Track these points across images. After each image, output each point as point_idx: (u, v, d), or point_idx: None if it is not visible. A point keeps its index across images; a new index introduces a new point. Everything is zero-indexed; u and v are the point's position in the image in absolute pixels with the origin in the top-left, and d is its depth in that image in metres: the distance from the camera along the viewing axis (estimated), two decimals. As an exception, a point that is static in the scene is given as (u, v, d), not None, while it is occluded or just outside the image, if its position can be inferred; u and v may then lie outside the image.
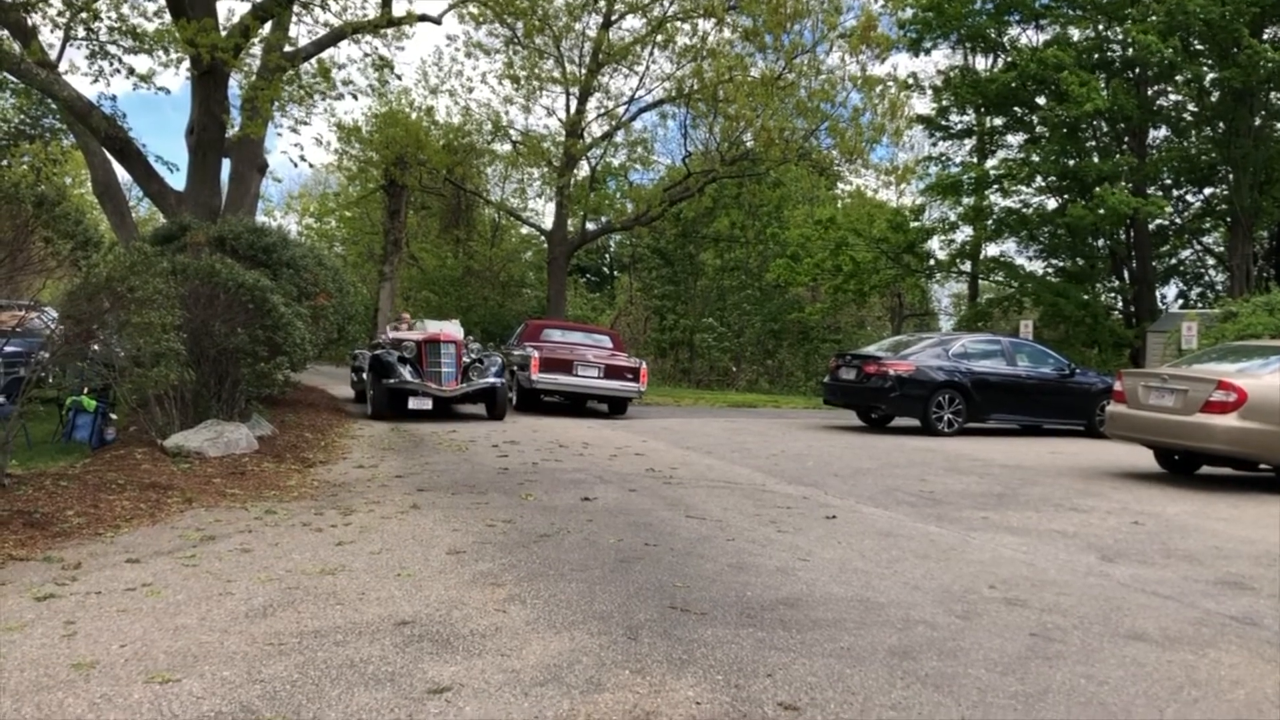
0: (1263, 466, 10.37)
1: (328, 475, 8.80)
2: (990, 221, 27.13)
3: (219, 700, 3.41)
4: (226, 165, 16.79)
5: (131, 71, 16.75)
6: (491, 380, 14.48)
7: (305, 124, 45.04)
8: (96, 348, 9.23)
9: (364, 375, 15.49)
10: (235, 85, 17.46)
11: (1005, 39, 27.89)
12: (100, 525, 6.17)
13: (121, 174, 18.03)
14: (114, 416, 10.23)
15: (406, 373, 13.91)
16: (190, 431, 9.34)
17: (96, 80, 22.36)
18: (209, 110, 15.34)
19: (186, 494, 7.27)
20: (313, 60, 16.98)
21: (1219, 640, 4.61)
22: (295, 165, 25.69)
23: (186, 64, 15.67)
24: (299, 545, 5.85)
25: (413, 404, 13.86)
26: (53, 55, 16.04)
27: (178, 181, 16.35)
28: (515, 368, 16.76)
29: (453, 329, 15.53)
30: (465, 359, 14.60)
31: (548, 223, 32.47)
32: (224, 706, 3.36)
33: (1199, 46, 23.85)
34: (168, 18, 15.83)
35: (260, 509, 6.97)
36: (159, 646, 3.94)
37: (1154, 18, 22.34)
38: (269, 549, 5.73)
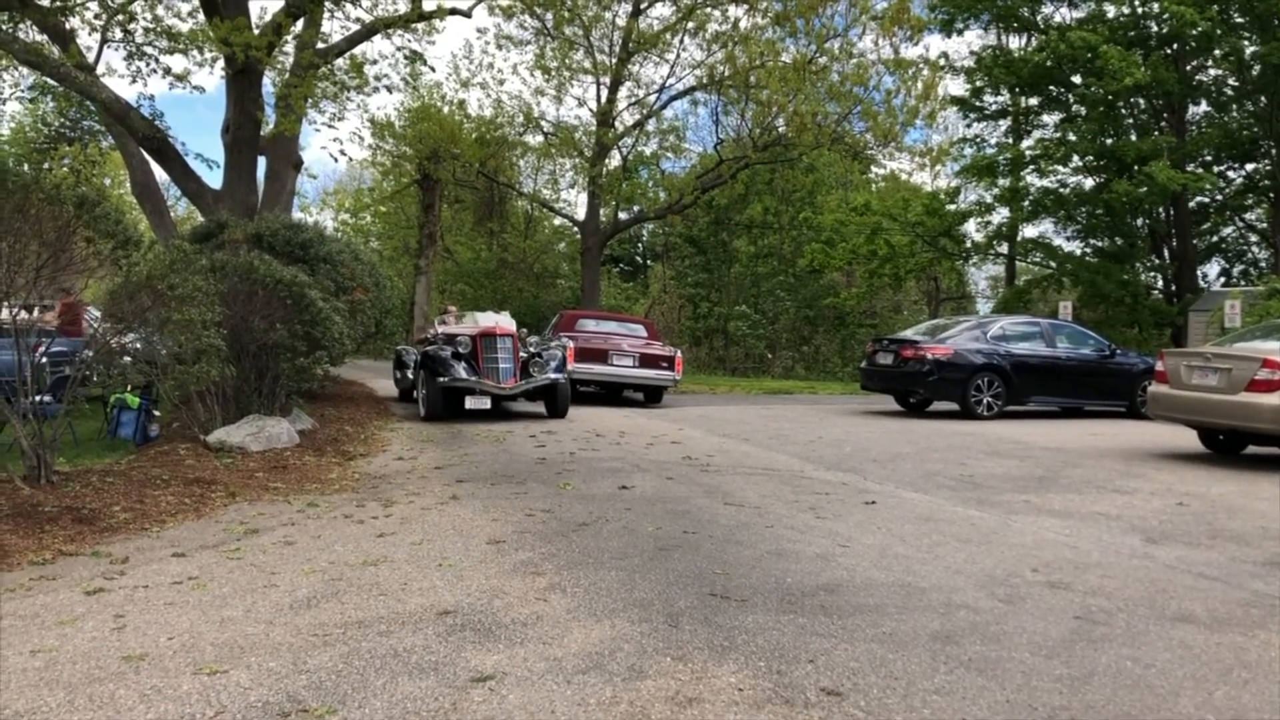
0: (1310, 445, 10.20)
1: (368, 468, 8.88)
2: (1027, 202, 26.80)
3: (266, 690, 3.46)
4: (262, 163, 16.94)
5: (168, 71, 16.97)
6: (553, 376, 13.45)
7: (342, 120, 45.40)
8: (139, 345, 9.35)
9: (408, 372, 15.06)
10: (269, 83, 17.62)
11: (1039, 18, 27.51)
12: (146, 520, 6.26)
13: (159, 174, 18.26)
14: (157, 413, 10.38)
15: (462, 370, 12.92)
16: (232, 427, 9.45)
17: (134, 81, 22.69)
18: (244, 108, 15.47)
19: (230, 488, 7.36)
20: (345, 56, 17.09)
21: (1269, 621, 4.55)
22: (335, 160, 25.96)
23: (221, 63, 15.81)
24: (341, 537, 5.91)
25: (470, 403, 12.92)
26: (90, 58, 16.27)
27: (215, 180, 16.54)
28: None
29: (506, 321, 14.58)
30: (522, 354, 13.63)
31: (580, 213, 32.53)
32: (271, 697, 3.41)
33: (1239, 19, 23.42)
34: (201, 18, 15.98)
35: (302, 502, 7.05)
36: (206, 638, 4.00)
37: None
38: (312, 541, 5.79)
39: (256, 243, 12.60)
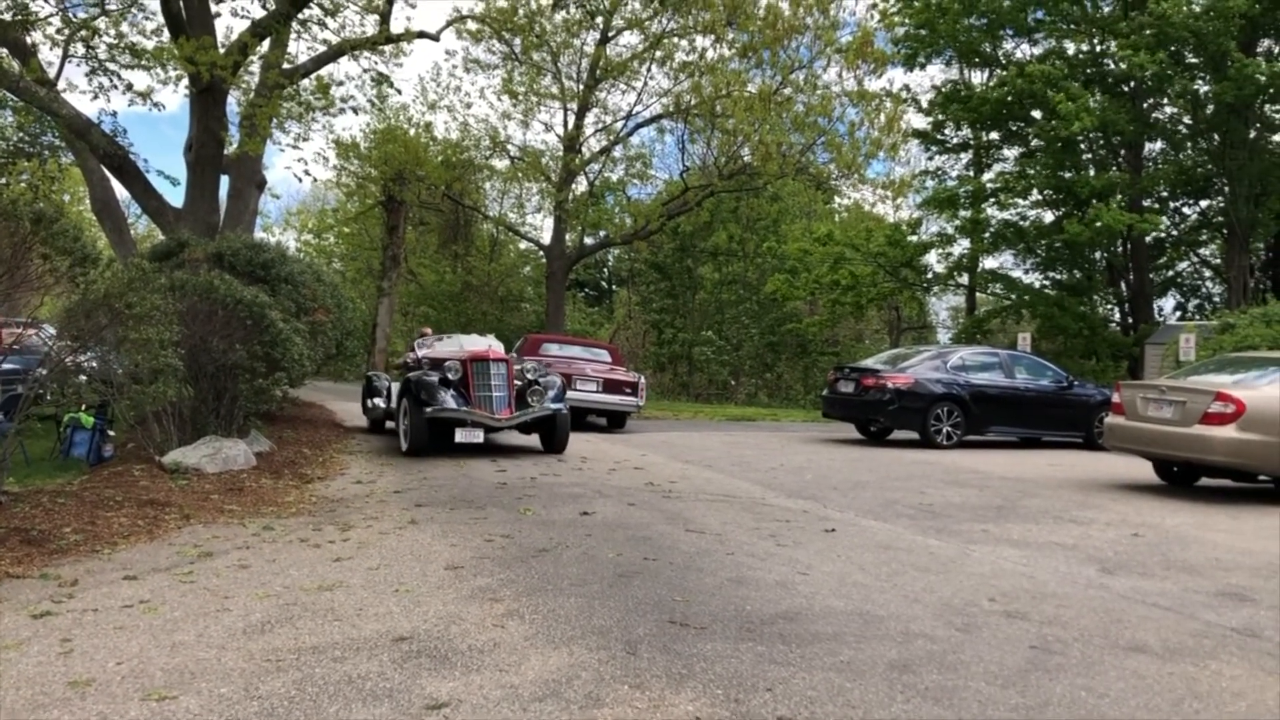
0: (1261, 478, 10.35)
1: (326, 491, 8.79)
2: (987, 234, 27.17)
3: (216, 717, 3.40)
4: (225, 182, 16.82)
5: (130, 88, 16.81)
6: (553, 406, 12.06)
7: (307, 140, 45.20)
8: (95, 364, 9.22)
9: (380, 400, 13.93)
10: (234, 102, 17.53)
11: (1000, 53, 27.98)
12: (97, 542, 6.16)
13: (120, 191, 18.09)
14: (112, 433, 10.22)
15: (450, 398, 11.52)
16: (188, 448, 9.32)
17: (96, 97, 22.42)
18: (207, 127, 15.37)
19: (184, 510, 7.25)
20: (312, 77, 17.04)
21: (1220, 652, 4.60)
22: (299, 180, 25.85)
23: (185, 81, 15.72)
24: (297, 561, 5.83)
25: (460, 436, 11.51)
26: (51, 73, 16.11)
27: (176, 198, 16.39)
28: None
29: (497, 345, 13.37)
30: (517, 381, 12.23)
31: (546, 238, 32.51)
32: (221, 723, 3.35)
33: (1192, 59, 23.94)
34: (166, 35, 15.89)
35: (258, 525, 6.96)
36: (156, 664, 3.93)
37: (1147, 32, 22.43)
38: (267, 565, 5.71)
39: (217, 262, 12.48)
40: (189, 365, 9.46)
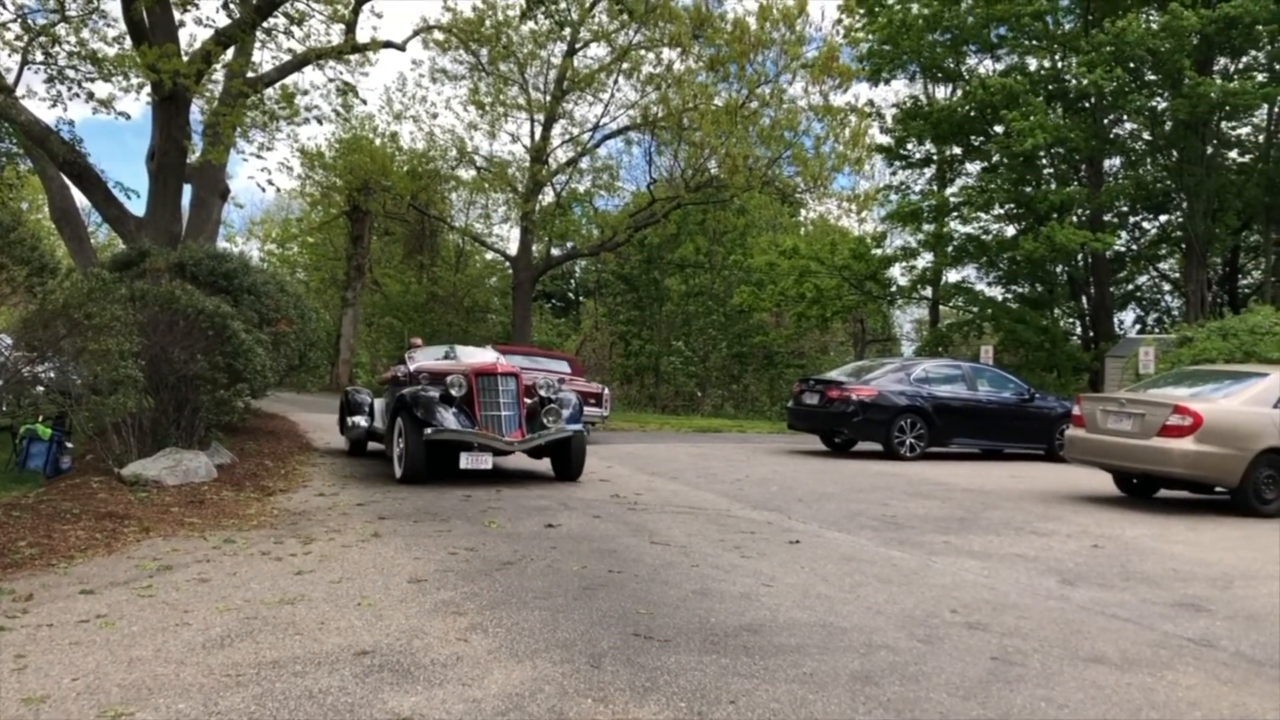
0: (1218, 489, 10.50)
1: (288, 504, 8.71)
2: (950, 248, 27.42)
3: (174, 734, 3.36)
4: (188, 191, 16.66)
5: (91, 96, 16.62)
6: (571, 428, 10.61)
7: (271, 149, 44.84)
8: (52, 375, 9.10)
9: (361, 419, 12.49)
10: (197, 111, 17.37)
11: (963, 69, 28.29)
12: (54, 556, 6.07)
13: (80, 199, 17.86)
14: (70, 445, 10.08)
15: (452, 418, 10.07)
16: (148, 460, 9.21)
17: (55, 105, 22.17)
18: (170, 136, 15.22)
19: (144, 523, 7.16)
20: (276, 86, 16.93)
21: (1176, 662, 4.66)
22: (263, 189, 25.65)
23: (147, 89, 15.56)
24: (258, 575, 5.78)
25: (466, 462, 9.98)
26: (10, 79, 15.91)
27: (138, 207, 16.24)
28: None
29: (500, 359, 11.98)
30: (527, 398, 10.84)
31: (512, 248, 32.51)
32: (179, 740, 3.31)
33: (1150, 77, 24.33)
34: (128, 43, 15.73)
35: (219, 538, 6.88)
36: (112, 679, 3.87)
37: (1106, 49, 22.78)
38: (227, 579, 5.65)
39: (179, 272, 12.36)
40: (149, 376, 9.36)
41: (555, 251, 33.32)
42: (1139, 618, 5.53)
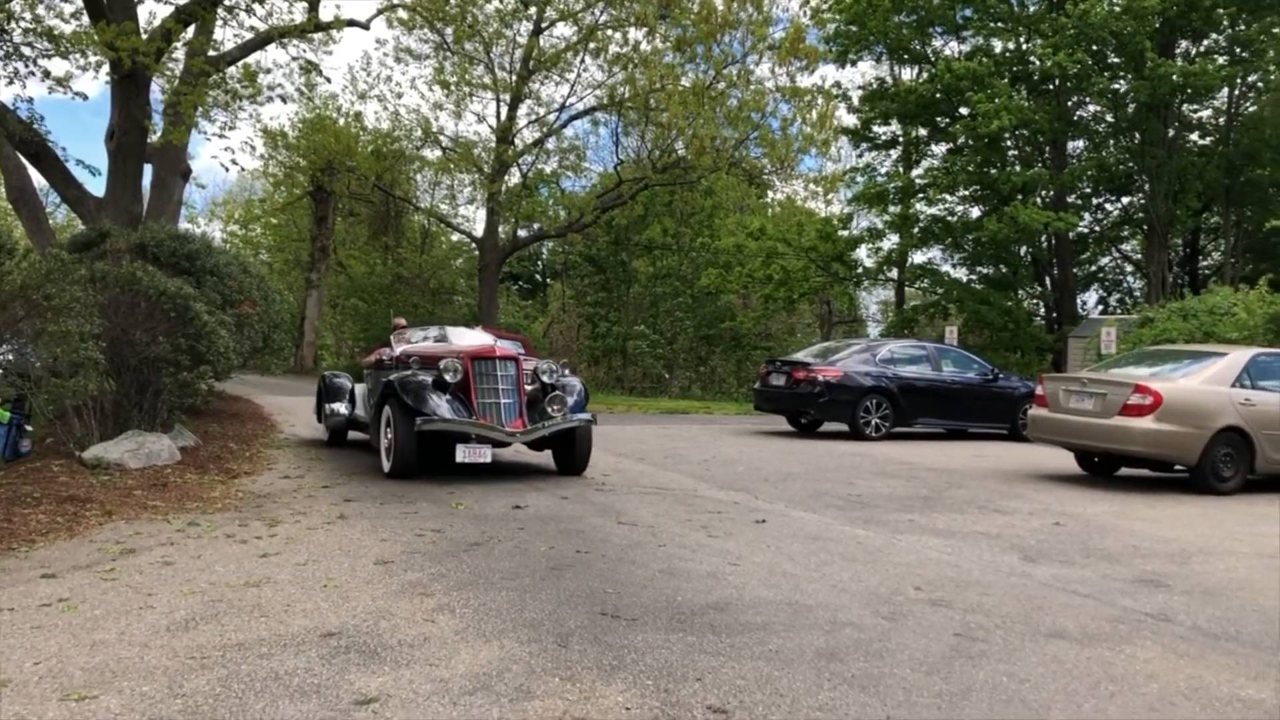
0: (1177, 467, 10.67)
1: (253, 486, 8.65)
2: (916, 230, 27.59)
3: (137, 716, 3.34)
4: (149, 171, 16.43)
5: (47, 75, 16.32)
6: (579, 418, 9.71)
7: (233, 129, 44.27)
8: (11, 357, 8.97)
9: (340, 406, 11.74)
10: (157, 89, 17.12)
11: (929, 50, 28.40)
12: (14, 540, 5.99)
13: (38, 179, 17.55)
14: (29, 428, 9.92)
15: (446, 407, 9.12)
16: (110, 443, 9.11)
17: (11, 83, 21.77)
18: (130, 115, 15.00)
19: (106, 507, 7.09)
20: (238, 65, 16.71)
21: (1135, 636, 4.74)
22: (226, 170, 25.31)
23: (106, 68, 15.31)
24: (222, 557, 5.74)
25: (463, 455, 9.04)
26: (-36, 57, 15.59)
27: (97, 187, 15.98)
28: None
29: (495, 340, 11.14)
30: (528, 385, 9.87)
31: (479, 229, 32.33)
32: (143, 723, 3.29)
33: (1113, 59, 24.54)
34: (86, 20, 15.46)
35: (183, 521, 6.83)
36: (75, 663, 3.84)
37: (1069, 31, 22.94)
38: (191, 561, 5.61)
39: (140, 253, 12.20)
40: (111, 358, 9.24)
41: (522, 233, 33.16)
42: (1099, 593, 5.61)
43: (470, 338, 11.29)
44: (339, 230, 37.09)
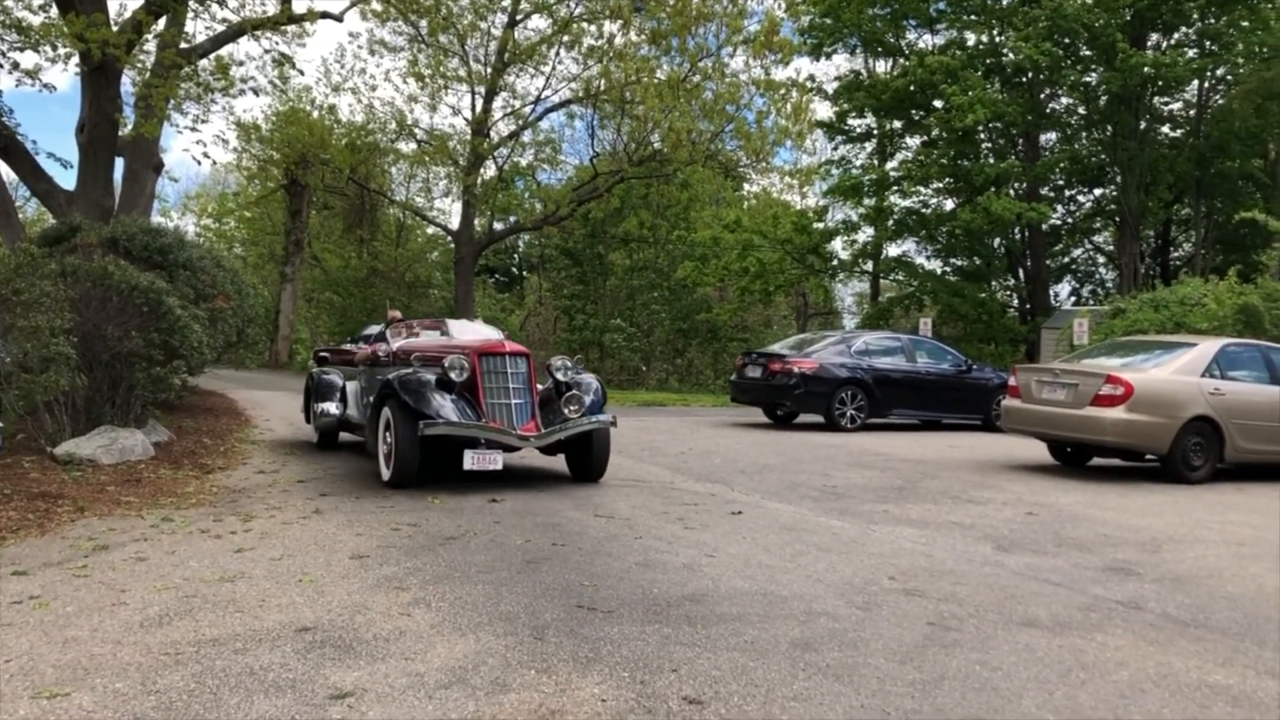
0: (1149, 457, 10.77)
1: (227, 481, 8.61)
2: (891, 222, 27.72)
3: (110, 713, 3.32)
4: (120, 165, 16.28)
5: (16, 66, 16.14)
6: (598, 419, 8.84)
7: (205, 122, 43.98)
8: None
9: (331, 406, 10.89)
10: (128, 82, 16.96)
11: (903, 43, 28.50)
12: (-15, 537, 5.94)
13: (7, 172, 17.36)
14: (0, 424, 9.85)
15: (451, 407, 8.30)
16: (82, 438, 9.04)
17: (-21, 75, 21.50)
18: (100, 108, 14.86)
19: (78, 503, 7.04)
20: (210, 57, 16.58)
21: (1106, 624, 4.79)
22: (198, 163, 25.09)
23: (75, 60, 15.15)
24: (197, 553, 5.71)
25: (471, 461, 8.16)
26: (-69, 49, 15.39)
27: (68, 181, 15.82)
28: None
29: (493, 332, 10.76)
30: (539, 384, 9.18)
31: (454, 223, 32.24)
32: (117, 719, 3.27)
33: (1086, 52, 24.71)
34: (55, 12, 15.29)
35: (156, 516, 6.79)
36: (47, 660, 3.82)
37: (1041, 24, 23.09)
38: (165, 557, 5.58)
39: (112, 247, 12.09)
40: (82, 353, 9.17)
41: (498, 226, 33.12)
42: (1071, 582, 5.67)
43: (473, 331, 10.67)
44: (313, 224, 36.87)
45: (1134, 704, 3.71)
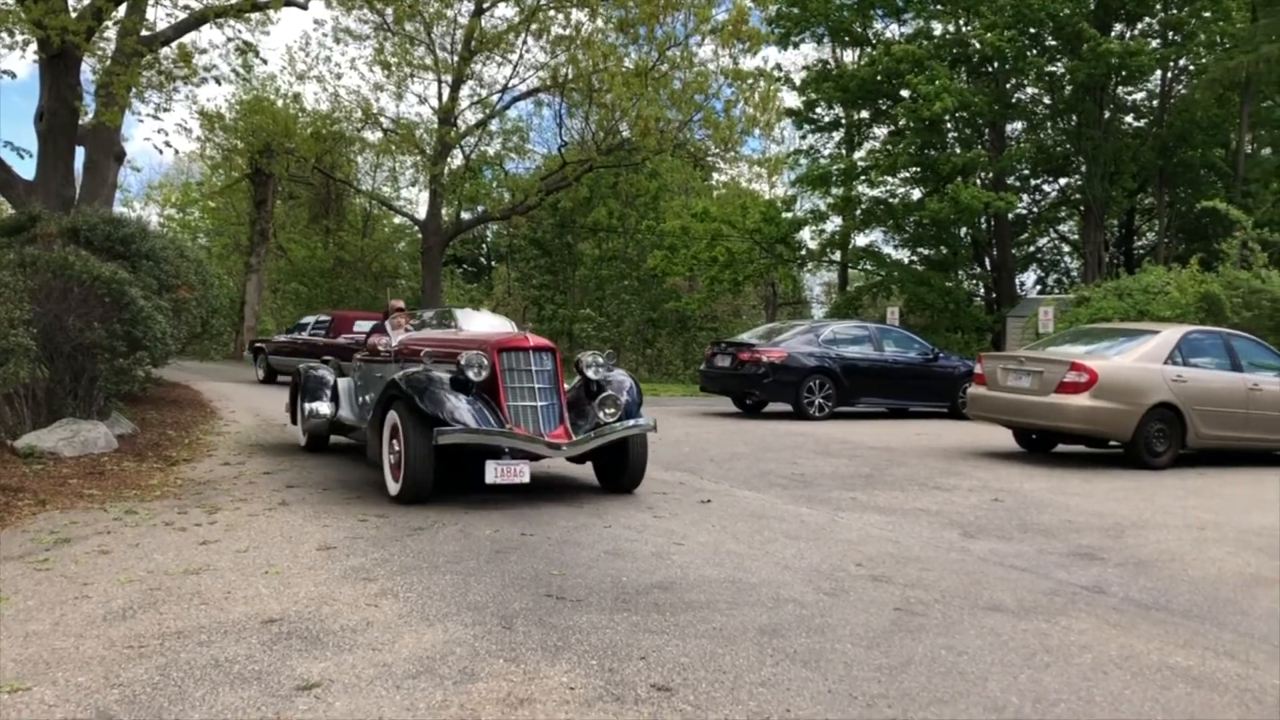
0: (1112, 443, 10.90)
1: (192, 473, 8.52)
2: (859, 212, 27.85)
3: (73, 707, 3.28)
4: (81, 154, 16.06)
5: (-27, 54, 15.89)
6: (640, 424, 7.67)
7: (168, 110, 43.48)
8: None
9: (322, 406, 9.72)
10: (89, 70, 16.72)
11: (870, 33, 28.60)
12: (-56, 531, 5.86)
13: (-37, 162, 17.07)
14: (-41, 417, 9.71)
15: (469, 411, 7.18)
16: (44, 431, 8.92)
17: (-66, 63, 21.13)
18: (60, 96, 14.65)
19: (39, 496, 6.94)
20: (173, 44, 16.36)
21: (1070, 609, 4.85)
22: (160, 152, 24.67)
23: (34, 47, 14.91)
24: (161, 545, 5.65)
25: (495, 475, 7.02)
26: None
27: (27, 170, 15.59)
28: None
29: (506, 324, 10.02)
30: (566, 385, 8.00)
31: (421, 212, 32.04)
32: (79, 713, 3.24)
33: (1051, 42, 24.89)
34: (12, -3, 15.04)
35: (120, 509, 6.71)
36: (7, 655, 3.77)
37: (1007, 13, 23.24)
38: (129, 550, 5.52)
39: (73, 237, 11.92)
40: (43, 345, 9.04)
41: (465, 215, 32.93)
42: (1035, 567, 5.73)
43: (485, 322, 9.78)
44: (278, 214, 36.55)
45: (1096, 686, 3.76)
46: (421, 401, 7.11)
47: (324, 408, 9.74)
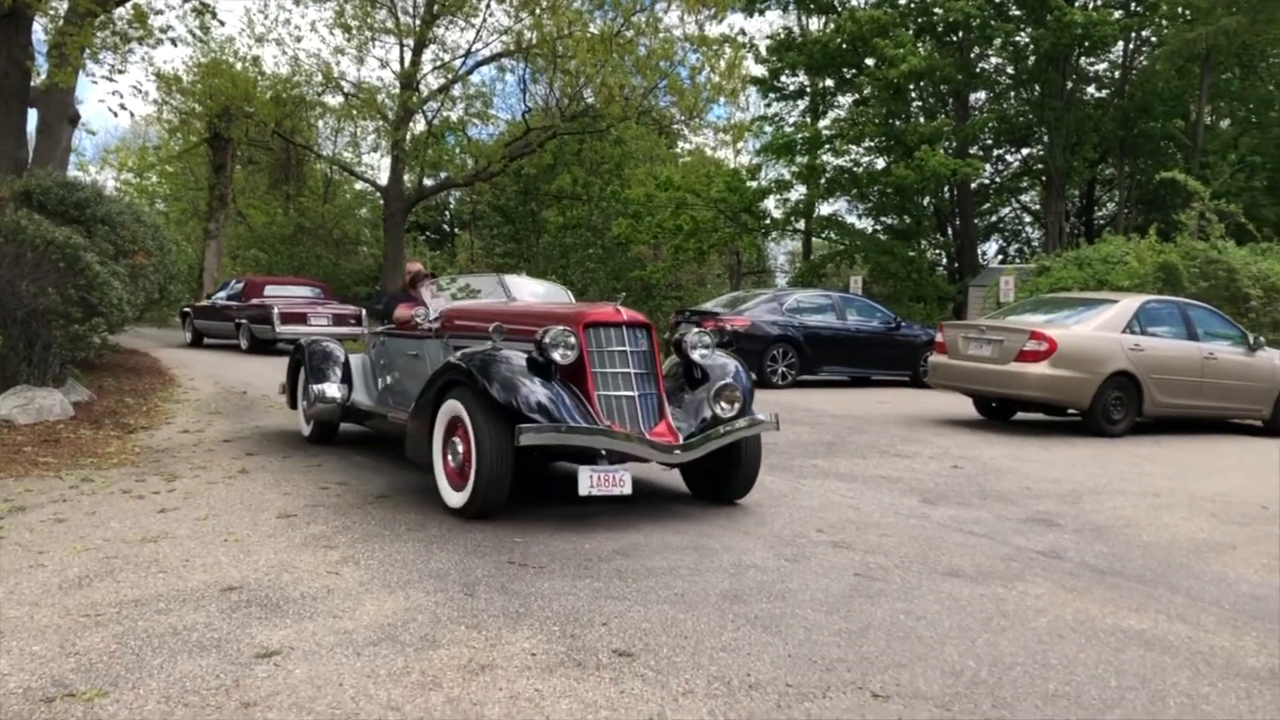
0: (1071, 411, 11.03)
1: (150, 441, 8.43)
2: (823, 181, 27.86)
3: (28, 676, 3.25)
4: (34, 116, 15.71)
5: (-81, 13, 15.43)
6: (757, 420, 6.18)
7: (123, 72, 42.58)
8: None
9: (332, 389, 8.05)
10: (40, 30, 16.32)
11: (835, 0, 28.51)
12: (-106, 499, 5.76)
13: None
14: (-91, 384, 9.53)
15: (550, 402, 5.65)
16: (-3, 398, 8.78)
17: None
18: (11, 57, 14.29)
19: (-7, 464, 6.85)
20: (128, 5, 15.99)
21: (1026, 574, 4.92)
22: (115, 115, 24.06)
23: (-18, 6, 14.52)
24: (118, 513, 5.59)
25: (590, 484, 5.55)
26: None
27: (-23, 134, 15.21)
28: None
29: (560, 293, 8.90)
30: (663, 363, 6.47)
31: (383, 178, 31.65)
32: (33, 682, 3.20)
33: (1015, 11, 24.96)
34: (-41, -47, 14.62)
35: (76, 477, 6.63)
36: (-39, 624, 3.72)
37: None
38: (85, 518, 5.46)
39: (25, 201, 11.66)
40: (-5, 311, 8.88)
41: (428, 181, 32.56)
42: (993, 533, 5.80)
43: (533, 289, 8.47)
44: (238, 179, 35.96)
45: (1052, 649, 3.82)
46: (497, 389, 5.60)
47: (335, 390, 8.10)
